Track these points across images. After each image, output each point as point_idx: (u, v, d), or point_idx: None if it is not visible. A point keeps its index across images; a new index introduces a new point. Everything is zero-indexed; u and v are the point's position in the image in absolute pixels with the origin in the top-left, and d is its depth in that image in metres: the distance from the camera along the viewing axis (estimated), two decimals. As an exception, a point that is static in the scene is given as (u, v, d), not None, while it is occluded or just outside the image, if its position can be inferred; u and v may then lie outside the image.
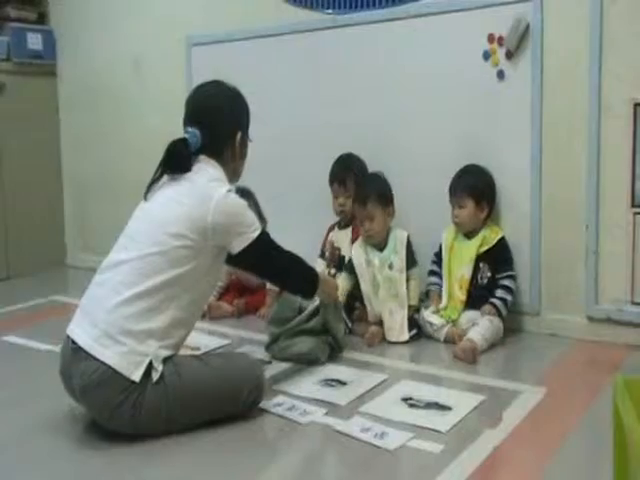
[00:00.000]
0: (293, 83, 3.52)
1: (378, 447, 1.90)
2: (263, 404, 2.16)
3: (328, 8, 3.40)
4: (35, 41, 4.35)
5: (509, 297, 2.80)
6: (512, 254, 2.87)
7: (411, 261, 2.92)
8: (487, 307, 2.76)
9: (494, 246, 2.84)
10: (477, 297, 2.82)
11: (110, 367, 1.90)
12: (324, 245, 3.27)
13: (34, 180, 4.38)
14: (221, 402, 2.05)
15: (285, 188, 3.56)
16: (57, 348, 2.09)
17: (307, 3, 3.45)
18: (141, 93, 4.13)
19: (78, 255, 4.51)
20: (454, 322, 2.81)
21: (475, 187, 2.85)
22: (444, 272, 2.92)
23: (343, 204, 3.15)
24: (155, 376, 1.94)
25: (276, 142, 3.58)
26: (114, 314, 1.95)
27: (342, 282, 2.91)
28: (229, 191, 2.10)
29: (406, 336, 2.80)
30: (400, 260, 2.88)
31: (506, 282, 2.82)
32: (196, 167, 2.14)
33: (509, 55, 2.89)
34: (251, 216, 2.16)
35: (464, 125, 3.01)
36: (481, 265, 2.84)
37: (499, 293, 2.80)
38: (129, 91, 4.18)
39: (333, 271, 3.20)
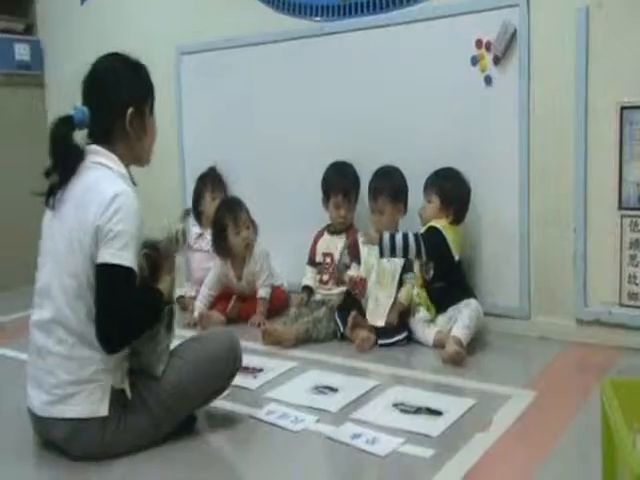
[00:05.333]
0: (282, 90, 3.53)
1: (369, 453, 1.91)
2: (255, 412, 2.17)
3: (317, 16, 3.41)
4: (23, 52, 4.35)
5: (400, 241, 2.77)
6: (436, 240, 2.81)
7: (408, 265, 2.93)
8: (374, 234, 2.83)
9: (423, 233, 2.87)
10: (434, 290, 2.88)
11: (77, 419, 1.86)
12: (312, 252, 3.28)
13: (22, 191, 4.33)
14: (202, 385, 2.02)
15: (275, 194, 3.57)
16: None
17: (295, 11, 3.46)
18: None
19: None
20: (433, 319, 2.87)
21: (445, 188, 2.88)
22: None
23: (344, 216, 3.16)
24: (128, 393, 1.92)
25: (265, 148, 3.59)
26: (60, 375, 1.87)
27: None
28: (122, 192, 1.87)
29: (382, 322, 2.85)
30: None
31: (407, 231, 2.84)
32: (88, 160, 1.95)
33: (497, 60, 2.90)
34: (130, 241, 1.84)
35: (452, 131, 3.02)
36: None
37: (397, 233, 2.82)
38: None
39: (326, 277, 3.22)
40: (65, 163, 1.95)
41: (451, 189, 2.88)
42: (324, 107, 3.40)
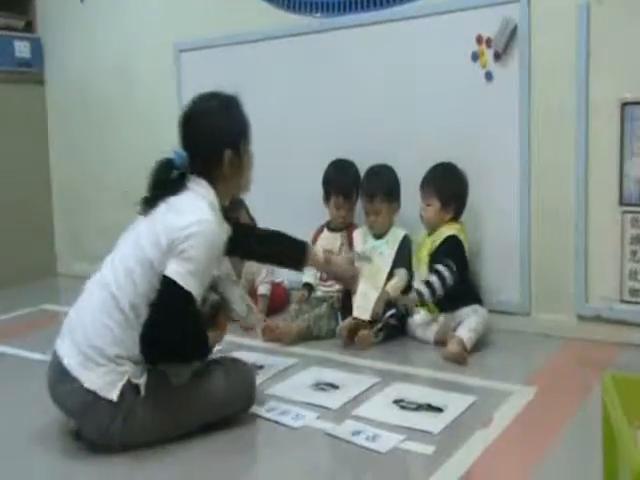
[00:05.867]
0: (282, 87, 3.52)
1: (370, 450, 1.90)
2: (256, 409, 2.17)
3: (316, 12, 3.41)
4: (23, 49, 4.34)
5: (437, 282, 2.74)
6: (460, 251, 2.82)
7: (401, 261, 2.93)
8: (412, 295, 2.78)
9: (442, 243, 2.84)
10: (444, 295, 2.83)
11: (93, 392, 1.89)
12: (313, 249, 3.27)
13: (22, 189, 4.36)
14: (212, 411, 2.04)
15: (275, 191, 3.56)
16: (48, 357, 2.07)
17: (295, 7, 3.46)
18: (130, 101, 4.12)
19: (69, 263, 4.50)
20: (435, 317, 2.84)
21: (443, 190, 2.86)
22: (415, 274, 2.98)
23: (344, 216, 3.16)
24: (142, 390, 1.93)
25: (266, 146, 3.57)
26: (94, 339, 1.92)
27: None
28: (206, 220, 1.95)
29: (368, 316, 2.82)
30: (390, 252, 2.94)
31: (439, 267, 2.77)
32: (188, 187, 2.04)
33: (497, 56, 2.90)
34: (199, 269, 1.92)
35: (453, 127, 3.02)
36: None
37: (429, 277, 2.78)
38: (118, 99, 4.17)
39: (325, 275, 3.21)
40: (166, 195, 2.03)
41: (449, 189, 2.87)
42: (324, 103, 3.39)
